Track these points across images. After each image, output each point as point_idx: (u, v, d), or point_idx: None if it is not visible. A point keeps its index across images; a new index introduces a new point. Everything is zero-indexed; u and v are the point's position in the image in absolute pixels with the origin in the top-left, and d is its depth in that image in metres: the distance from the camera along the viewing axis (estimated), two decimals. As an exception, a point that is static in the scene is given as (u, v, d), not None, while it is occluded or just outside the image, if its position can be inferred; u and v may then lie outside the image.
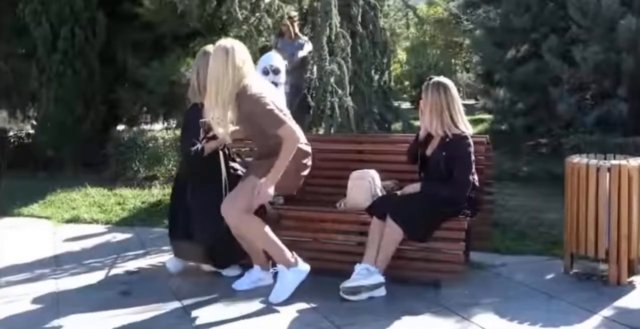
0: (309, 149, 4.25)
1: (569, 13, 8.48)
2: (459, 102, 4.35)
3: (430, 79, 4.43)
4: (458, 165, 4.24)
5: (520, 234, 5.46)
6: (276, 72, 5.44)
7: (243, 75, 3.98)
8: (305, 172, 4.26)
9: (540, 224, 5.74)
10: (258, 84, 4.09)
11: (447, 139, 4.29)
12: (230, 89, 3.96)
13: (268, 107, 3.96)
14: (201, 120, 4.23)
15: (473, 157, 4.30)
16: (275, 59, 5.61)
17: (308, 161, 4.25)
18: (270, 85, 4.61)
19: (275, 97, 4.22)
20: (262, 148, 4.23)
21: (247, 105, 3.98)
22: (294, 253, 4.07)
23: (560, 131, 8.61)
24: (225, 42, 4.07)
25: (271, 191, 3.98)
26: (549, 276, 4.51)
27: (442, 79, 4.41)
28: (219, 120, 4.02)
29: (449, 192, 4.24)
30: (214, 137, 4.35)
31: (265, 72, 5.38)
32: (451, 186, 4.24)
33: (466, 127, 4.34)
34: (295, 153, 4.02)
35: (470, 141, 4.31)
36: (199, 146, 4.38)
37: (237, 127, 4.27)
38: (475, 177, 4.33)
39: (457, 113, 4.31)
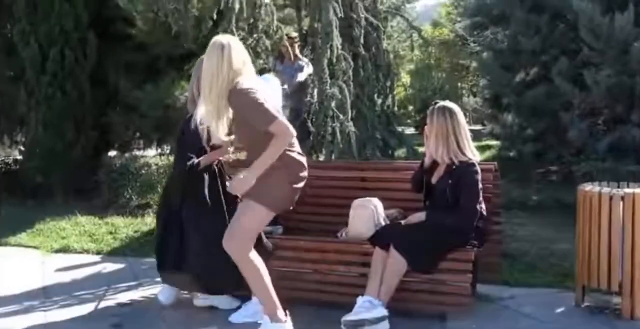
0: (303, 160, 4.09)
1: (580, 35, 8.58)
2: (465, 128, 4.42)
3: (436, 103, 4.51)
4: (465, 193, 4.30)
5: (529, 266, 5.51)
6: None
7: (239, 73, 3.90)
8: (300, 185, 4.08)
9: (551, 255, 5.78)
10: (252, 81, 3.97)
11: (454, 166, 4.35)
12: (224, 87, 3.87)
13: (258, 101, 3.83)
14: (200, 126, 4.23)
15: (480, 185, 4.36)
16: (271, 80, 5.70)
17: (303, 173, 4.08)
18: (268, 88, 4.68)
19: (270, 97, 4.11)
20: (255, 155, 3.97)
21: (237, 100, 3.87)
22: (287, 311, 3.99)
23: (571, 157, 8.66)
24: (222, 38, 4.01)
25: (252, 182, 3.88)
26: (559, 310, 4.55)
27: (448, 103, 4.49)
28: (215, 128, 3.97)
29: (455, 221, 4.30)
30: (213, 148, 4.42)
31: None
32: (457, 215, 4.30)
33: (473, 153, 4.40)
34: (289, 163, 3.95)
35: (478, 168, 4.37)
36: (194, 160, 4.44)
37: (233, 137, 4.22)
38: (483, 205, 4.39)
39: (463, 139, 4.38)
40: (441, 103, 4.49)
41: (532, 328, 4.22)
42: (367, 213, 4.60)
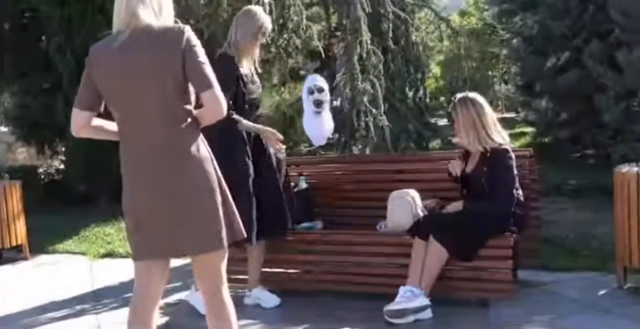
0: None
1: (610, 15, 8.53)
2: (489, 114, 4.46)
3: (455, 97, 4.59)
4: (499, 179, 4.34)
5: (570, 250, 5.52)
6: (320, 90, 5.70)
7: None
8: None
9: (591, 238, 5.77)
10: None
11: (487, 154, 4.40)
12: None
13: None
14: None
15: (516, 171, 4.40)
16: (318, 78, 5.89)
17: None
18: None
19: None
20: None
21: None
22: None
23: (608, 140, 8.61)
24: None
25: None
26: (602, 292, 4.57)
27: (468, 94, 4.57)
28: None
29: (492, 208, 4.33)
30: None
31: (311, 92, 5.63)
32: (494, 201, 4.34)
33: (502, 138, 4.44)
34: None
35: (512, 153, 4.41)
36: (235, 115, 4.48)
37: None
38: (520, 192, 4.42)
39: (489, 125, 4.41)
40: (461, 95, 4.56)
41: (575, 311, 4.24)
42: (406, 205, 4.67)
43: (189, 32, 2.87)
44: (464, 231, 4.30)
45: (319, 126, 5.55)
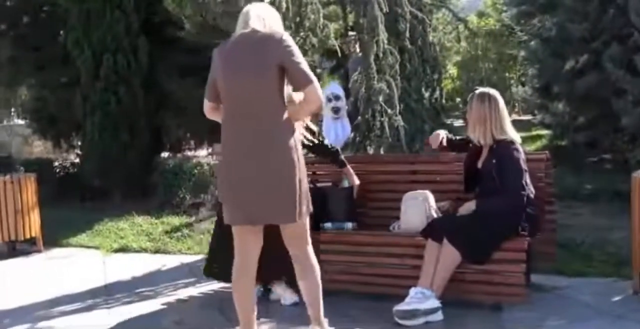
0: None
1: (630, 19, 8.44)
2: (503, 112, 4.46)
3: (476, 89, 4.57)
4: (507, 171, 4.31)
5: (585, 255, 5.47)
6: (337, 98, 5.79)
7: None
8: None
9: (606, 243, 5.72)
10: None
11: (495, 147, 4.39)
12: None
13: None
14: None
15: (525, 167, 4.35)
16: (335, 86, 5.98)
17: None
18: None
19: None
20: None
21: None
22: None
23: (625, 145, 8.53)
24: None
25: None
26: (616, 298, 4.52)
27: (487, 89, 4.57)
28: None
29: (503, 203, 4.30)
30: None
31: (329, 100, 5.75)
32: (505, 196, 4.30)
33: (512, 134, 4.41)
34: None
35: (518, 146, 4.40)
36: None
37: None
38: (531, 188, 4.36)
39: (499, 121, 4.41)
40: (481, 89, 4.55)
41: (589, 316, 4.20)
42: (419, 206, 4.65)
43: (286, 36, 3.55)
44: (477, 234, 4.27)
45: (337, 131, 5.69)
